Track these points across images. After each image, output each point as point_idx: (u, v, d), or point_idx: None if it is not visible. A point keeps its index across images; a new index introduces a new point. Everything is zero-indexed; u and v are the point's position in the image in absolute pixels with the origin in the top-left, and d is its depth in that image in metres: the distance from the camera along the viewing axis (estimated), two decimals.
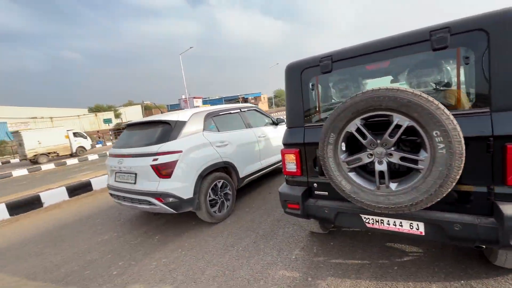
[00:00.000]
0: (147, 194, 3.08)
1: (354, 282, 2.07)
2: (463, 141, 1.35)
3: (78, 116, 35.78)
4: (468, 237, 1.55)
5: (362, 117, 1.59)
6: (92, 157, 14.43)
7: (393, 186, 1.58)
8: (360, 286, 2.02)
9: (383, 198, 1.59)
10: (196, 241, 3.09)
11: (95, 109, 44.63)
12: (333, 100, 2.28)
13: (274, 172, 5.58)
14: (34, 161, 14.75)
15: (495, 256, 1.85)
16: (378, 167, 1.59)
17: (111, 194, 3.67)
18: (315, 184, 2.16)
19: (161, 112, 5.16)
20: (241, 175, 3.93)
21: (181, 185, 3.08)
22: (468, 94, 1.65)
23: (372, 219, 1.89)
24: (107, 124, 29.05)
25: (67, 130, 16.77)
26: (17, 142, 15.67)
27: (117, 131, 29.29)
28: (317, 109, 2.20)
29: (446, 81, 1.78)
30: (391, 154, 1.55)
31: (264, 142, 4.55)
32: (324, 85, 2.24)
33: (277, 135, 4.95)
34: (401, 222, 1.78)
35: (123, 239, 3.42)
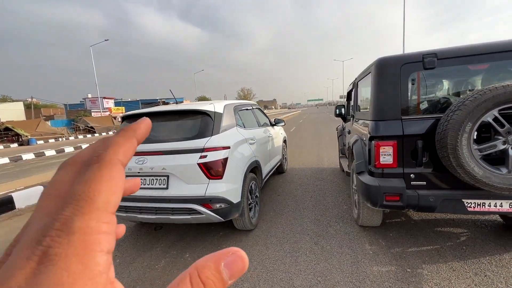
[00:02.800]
0: (190, 201, 2.43)
1: (447, 265, 2.22)
2: None
3: None
4: None
5: (500, 108, 1.77)
6: None
7: None
8: (455, 267, 2.18)
9: None
10: (249, 253, 2.63)
11: None
12: (436, 94, 2.43)
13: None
14: None
15: None
16: None
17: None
18: (412, 175, 2.23)
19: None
20: (263, 175, 3.64)
21: (232, 187, 2.59)
22: None
23: (474, 203, 2.10)
24: None
25: None
26: None
27: None
28: (417, 102, 2.30)
29: None
30: None
31: (271, 142, 4.38)
32: (424, 80, 2.37)
33: (276, 135, 4.86)
34: (501, 203, 2.05)
35: (139, 265, 2.57)
